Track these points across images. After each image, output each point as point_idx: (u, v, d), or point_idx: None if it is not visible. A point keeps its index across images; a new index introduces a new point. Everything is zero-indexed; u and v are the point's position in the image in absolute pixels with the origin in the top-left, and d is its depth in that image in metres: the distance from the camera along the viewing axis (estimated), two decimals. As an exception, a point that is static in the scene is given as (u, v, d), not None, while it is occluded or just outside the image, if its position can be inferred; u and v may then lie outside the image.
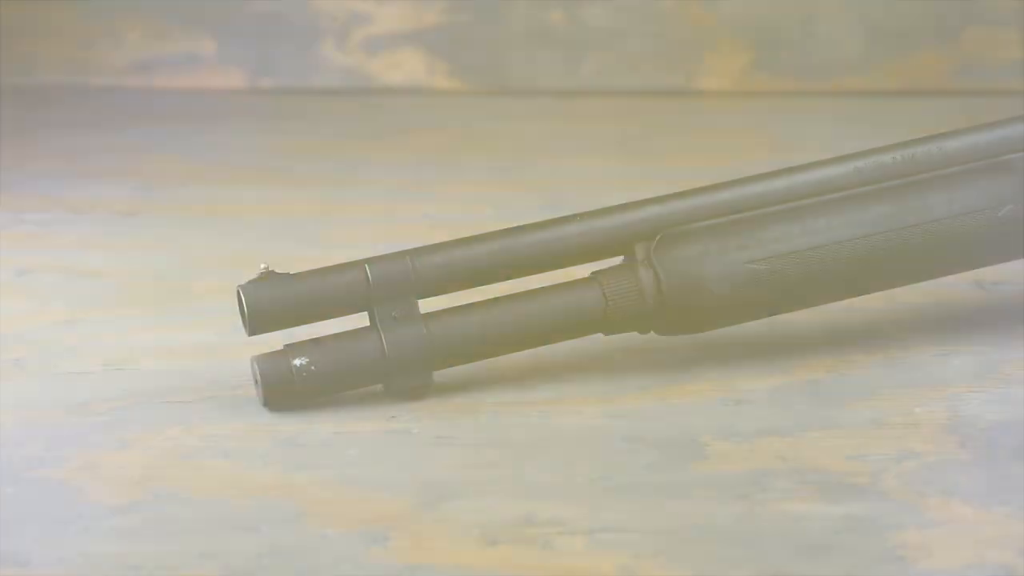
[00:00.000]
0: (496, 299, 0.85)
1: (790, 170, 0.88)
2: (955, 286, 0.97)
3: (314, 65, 1.72)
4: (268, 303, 0.81)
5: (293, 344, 0.82)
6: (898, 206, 0.86)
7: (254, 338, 0.83)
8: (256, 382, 0.82)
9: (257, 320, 0.81)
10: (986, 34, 1.63)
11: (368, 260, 0.83)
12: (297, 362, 0.81)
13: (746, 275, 0.84)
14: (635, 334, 0.87)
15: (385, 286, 0.82)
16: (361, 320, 0.84)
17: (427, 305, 0.84)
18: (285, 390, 0.81)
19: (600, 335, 0.86)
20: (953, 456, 0.75)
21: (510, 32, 1.70)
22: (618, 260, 0.86)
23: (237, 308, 0.83)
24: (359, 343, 0.82)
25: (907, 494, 0.71)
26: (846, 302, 0.92)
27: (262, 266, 0.83)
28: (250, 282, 0.82)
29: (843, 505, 0.70)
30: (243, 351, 0.88)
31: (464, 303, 0.84)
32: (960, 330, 0.92)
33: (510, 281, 0.86)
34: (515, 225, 0.86)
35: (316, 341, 0.82)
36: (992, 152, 0.88)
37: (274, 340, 0.84)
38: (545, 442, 0.78)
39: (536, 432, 0.79)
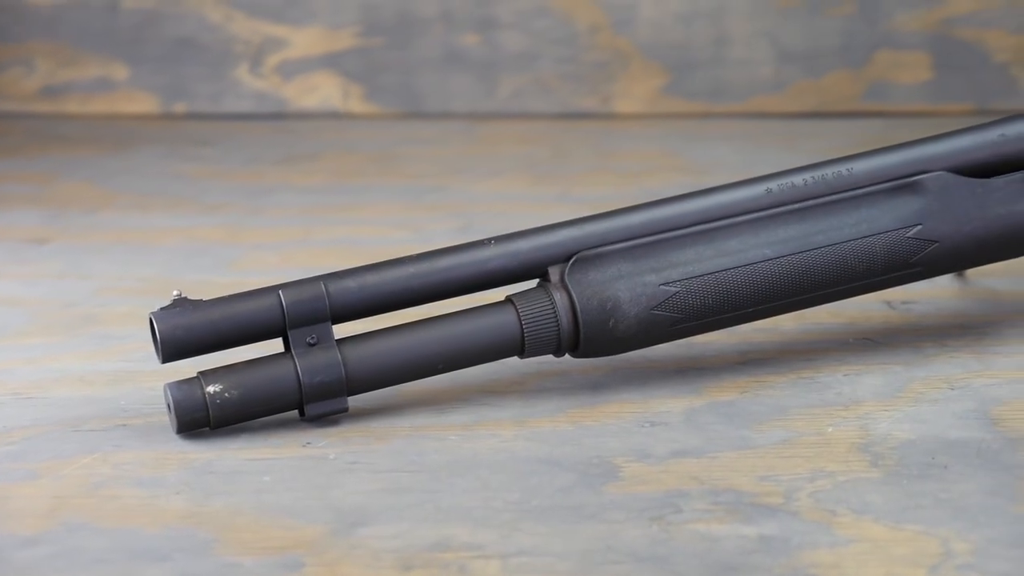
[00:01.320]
0: (411, 323, 0.84)
1: (703, 192, 0.88)
2: (865, 306, 0.98)
3: (228, 90, 1.71)
4: (181, 330, 0.81)
5: (206, 371, 0.82)
6: (809, 227, 0.87)
7: (167, 365, 0.82)
8: (169, 409, 0.82)
9: (169, 347, 0.81)
10: (895, 57, 1.66)
11: (282, 286, 0.82)
12: (211, 389, 0.81)
13: (660, 297, 0.85)
14: (550, 357, 0.87)
15: (299, 312, 0.82)
16: (275, 346, 0.83)
17: (342, 330, 0.83)
18: (198, 417, 0.81)
19: (516, 358, 0.86)
20: (864, 475, 0.75)
21: (424, 56, 1.70)
22: (533, 283, 0.86)
23: (149, 335, 0.82)
24: (273, 369, 0.81)
25: (819, 513, 0.71)
26: (758, 323, 0.92)
27: (174, 293, 0.82)
28: (162, 309, 0.81)
29: (756, 525, 0.70)
30: (156, 378, 0.87)
31: (379, 328, 0.84)
32: (870, 350, 0.92)
33: (425, 305, 0.86)
34: (430, 249, 0.86)
35: (230, 368, 0.82)
36: (901, 173, 0.89)
37: (187, 367, 0.83)
38: (461, 466, 0.78)
39: (451, 456, 0.79)
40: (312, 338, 0.82)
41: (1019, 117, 0.91)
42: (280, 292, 0.82)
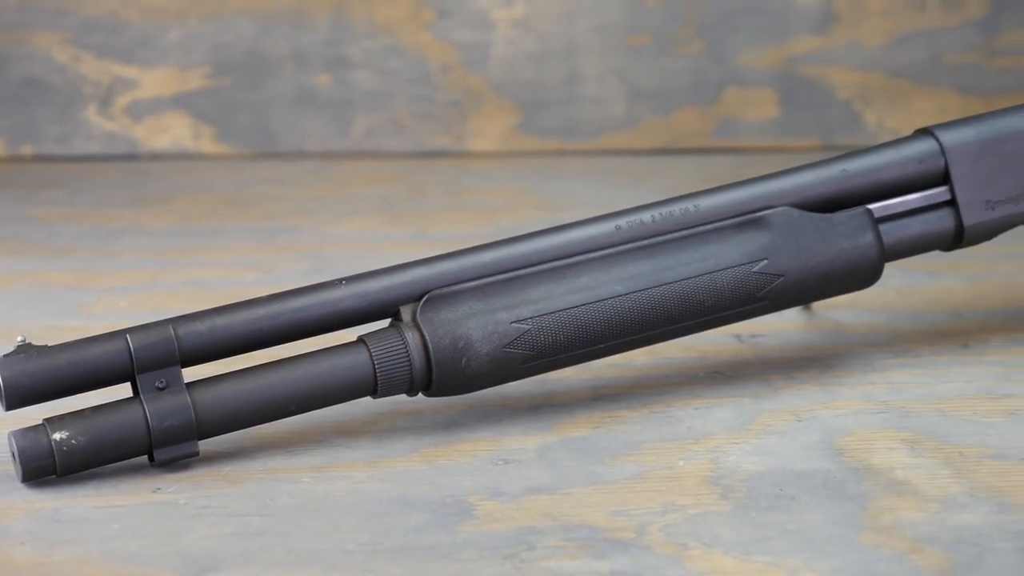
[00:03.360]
0: (262, 365, 0.84)
1: (554, 229, 0.89)
2: (715, 340, 1.00)
3: (76, 131, 1.69)
4: (25, 377, 0.79)
5: (52, 417, 0.80)
6: (658, 263, 0.88)
7: (11, 412, 0.81)
8: (13, 458, 0.80)
9: (14, 394, 0.79)
10: (742, 94, 1.68)
11: (129, 329, 0.81)
12: (57, 436, 0.79)
13: (512, 335, 0.85)
14: (404, 396, 0.87)
15: (147, 356, 0.81)
16: (124, 391, 0.82)
17: (194, 373, 0.83)
18: (44, 465, 0.79)
19: (369, 398, 0.85)
20: (715, 507, 0.76)
21: (277, 95, 1.69)
22: (385, 323, 0.86)
23: (-7, 382, 0.80)
24: (121, 414, 0.80)
25: (671, 547, 0.72)
26: (611, 358, 0.93)
27: (19, 339, 0.81)
28: (6, 355, 0.80)
29: (608, 560, 0.71)
30: (0, 426, 0.85)
31: (230, 370, 0.83)
32: (720, 383, 0.94)
33: (277, 347, 0.85)
34: (281, 290, 0.85)
35: (77, 414, 0.81)
36: (746, 209, 0.90)
37: (33, 414, 0.82)
38: (313, 508, 0.77)
39: (304, 498, 0.79)
40: (161, 382, 0.81)
41: (859, 152, 0.93)
42: (127, 336, 0.81)
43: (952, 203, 0.93)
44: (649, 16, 1.68)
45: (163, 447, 0.81)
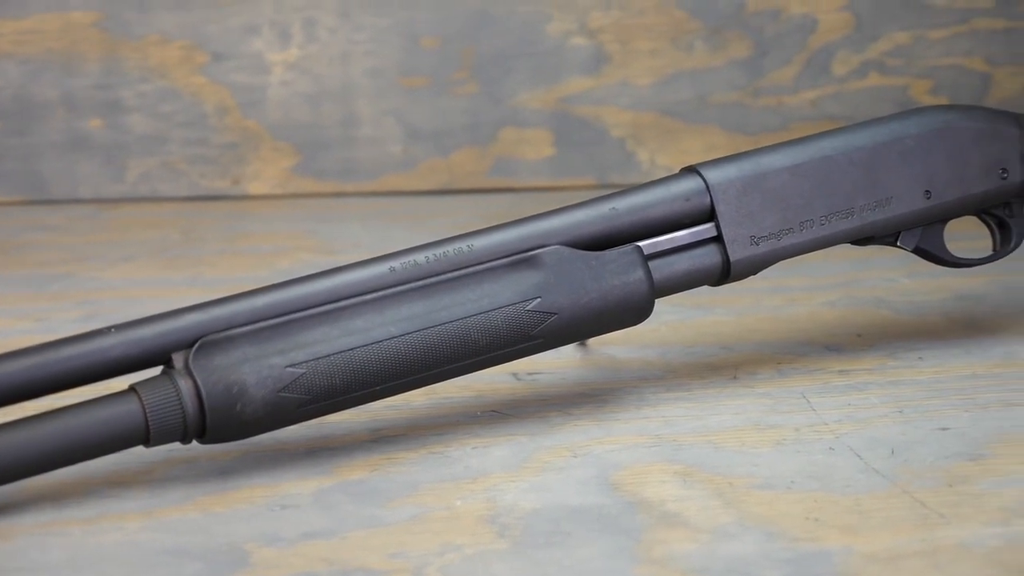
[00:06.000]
0: (30, 417, 0.82)
1: (328, 272, 0.89)
2: (492, 378, 1.00)
3: None
4: None
5: None
6: (432, 304, 0.88)
7: None
8: None
9: None
10: (519, 134, 1.70)
11: None
12: None
13: (287, 379, 0.85)
14: (178, 444, 0.85)
15: (-93, 411, 0.78)
16: None
17: (-46, 428, 0.80)
18: None
19: (141, 447, 0.84)
20: (492, 546, 0.77)
21: (47, 141, 1.66)
22: (158, 371, 0.85)
23: None
24: None
25: (448, 587, 0.72)
26: (389, 400, 0.93)
27: None
28: None
29: (386, 603, 0.71)
30: None
31: (-4, 423, 0.81)
32: (498, 421, 0.94)
33: (47, 398, 0.83)
34: (50, 340, 0.83)
35: None
36: (520, 248, 0.91)
37: None
38: (85, 561, 0.76)
39: (75, 552, 0.77)
40: (-79, 438, 0.78)
41: (629, 191, 0.94)
42: None
43: (719, 239, 0.95)
44: (424, 57, 1.69)
45: (-75, 505, 0.78)
